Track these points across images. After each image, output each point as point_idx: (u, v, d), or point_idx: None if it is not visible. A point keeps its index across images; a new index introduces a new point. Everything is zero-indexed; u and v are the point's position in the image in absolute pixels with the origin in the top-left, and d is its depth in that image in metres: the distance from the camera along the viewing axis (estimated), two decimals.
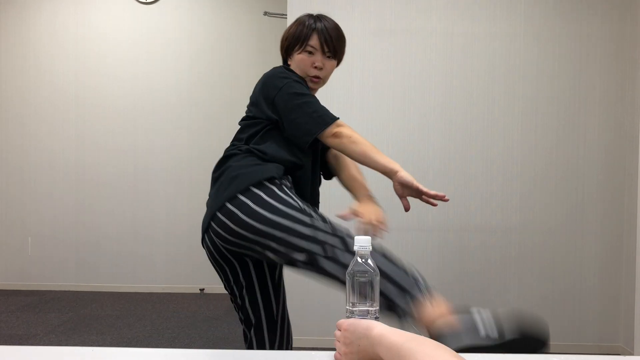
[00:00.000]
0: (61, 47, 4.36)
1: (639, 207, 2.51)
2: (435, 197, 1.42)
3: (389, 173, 1.47)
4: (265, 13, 4.04)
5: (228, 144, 1.65)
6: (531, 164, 2.98)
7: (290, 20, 2.96)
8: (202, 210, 1.53)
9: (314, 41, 1.55)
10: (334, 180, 1.80)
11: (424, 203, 1.48)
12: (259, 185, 1.40)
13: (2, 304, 3.88)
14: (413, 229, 2.98)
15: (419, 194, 1.45)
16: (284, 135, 1.53)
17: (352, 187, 1.67)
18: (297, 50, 1.58)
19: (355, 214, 1.55)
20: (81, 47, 4.36)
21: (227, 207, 1.41)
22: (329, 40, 1.55)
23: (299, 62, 1.58)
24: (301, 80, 1.56)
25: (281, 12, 3.75)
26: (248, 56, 4.37)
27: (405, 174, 1.43)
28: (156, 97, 4.36)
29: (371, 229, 1.51)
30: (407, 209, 1.51)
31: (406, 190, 1.46)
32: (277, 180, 1.43)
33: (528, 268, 2.98)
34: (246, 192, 1.39)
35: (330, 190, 1.99)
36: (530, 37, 2.97)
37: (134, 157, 4.36)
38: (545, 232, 2.98)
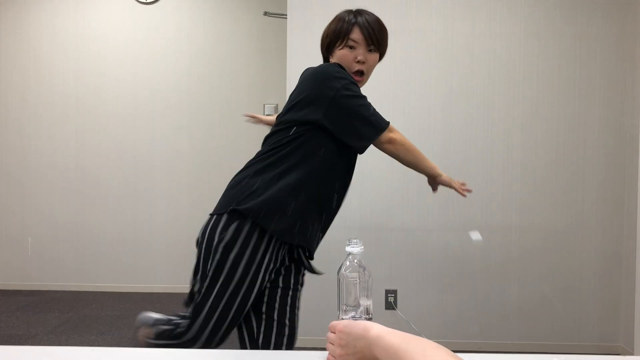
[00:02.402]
0: (61, 47, 4.36)
1: (639, 208, 2.50)
2: (465, 190, 1.78)
3: (432, 176, 1.71)
4: (265, 13, 4.04)
5: (227, 144, 1.64)
6: (531, 164, 2.98)
7: (291, 20, 2.96)
8: (202, 209, 1.52)
9: (356, 35, 1.53)
10: None
11: (423, 203, 1.66)
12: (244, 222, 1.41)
13: (2, 304, 3.88)
14: (414, 229, 2.98)
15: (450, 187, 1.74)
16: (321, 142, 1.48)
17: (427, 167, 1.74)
18: (339, 46, 1.55)
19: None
20: (81, 47, 4.36)
21: (213, 218, 1.49)
22: (372, 33, 1.54)
23: (341, 57, 1.55)
24: (354, 80, 1.54)
25: (281, 12, 3.75)
26: (248, 56, 4.37)
27: (445, 178, 1.73)
28: (156, 97, 4.36)
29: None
30: (434, 191, 1.81)
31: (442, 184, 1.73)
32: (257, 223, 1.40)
33: (528, 268, 2.98)
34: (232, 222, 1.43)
35: None
36: (531, 37, 2.97)
37: (133, 157, 4.36)
38: (545, 232, 2.98)
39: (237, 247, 1.40)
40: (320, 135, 1.47)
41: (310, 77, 1.52)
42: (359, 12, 1.58)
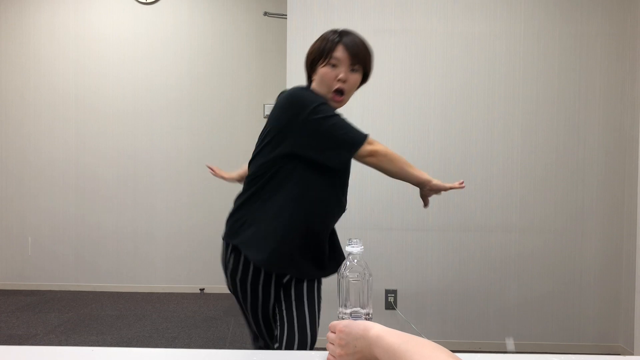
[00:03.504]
0: (61, 47, 4.36)
1: (639, 207, 2.51)
2: (458, 186, 1.63)
3: (421, 184, 1.59)
4: (265, 13, 4.04)
5: (227, 144, 1.64)
6: (531, 163, 2.98)
7: (291, 20, 2.96)
8: (202, 209, 1.52)
9: (339, 53, 1.51)
10: None
11: (424, 203, 1.63)
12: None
13: (2, 304, 3.88)
14: (413, 229, 2.98)
15: (444, 190, 1.62)
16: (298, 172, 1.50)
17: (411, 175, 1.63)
18: (322, 63, 1.54)
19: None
20: (81, 47, 4.36)
21: (231, 247, 1.57)
22: (356, 52, 1.52)
23: (323, 75, 1.53)
24: (324, 100, 1.53)
25: (281, 12, 3.75)
26: (248, 56, 4.37)
27: (437, 182, 1.59)
28: (156, 97, 4.36)
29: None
30: (426, 206, 1.69)
31: (433, 193, 1.62)
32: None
33: (528, 268, 2.98)
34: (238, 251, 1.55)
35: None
36: (531, 37, 2.97)
37: (133, 157, 4.36)
38: (545, 231, 2.98)
39: (240, 272, 1.55)
40: (293, 162, 1.49)
41: (280, 106, 1.53)
42: (344, 32, 1.56)
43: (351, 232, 2.91)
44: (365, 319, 0.94)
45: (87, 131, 4.36)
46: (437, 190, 1.60)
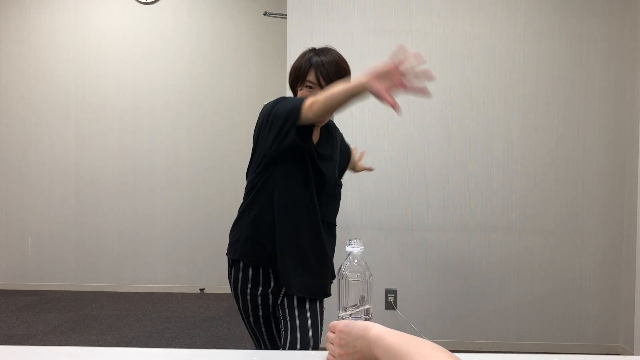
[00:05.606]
0: (61, 47, 4.36)
1: (639, 207, 2.51)
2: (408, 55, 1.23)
3: (362, 86, 1.27)
4: (265, 13, 4.04)
5: (227, 144, 1.65)
6: (531, 163, 2.98)
7: (291, 20, 2.96)
8: (202, 208, 1.53)
9: (311, 77, 1.53)
10: None
11: (423, 203, 1.57)
12: (232, 263, 1.62)
13: (2, 304, 3.88)
14: (413, 228, 2.98)
15: (396, 72, 1.25)
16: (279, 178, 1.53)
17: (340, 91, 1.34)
18: (299, 86, 1.57)
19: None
20: (81, 47, 4.36)
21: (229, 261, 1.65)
22: (325, 75, 1.52)
23: (301, 98, 1.54)
24: (282, 97, 1.57)
25: (281, 12, 3.75)
26: (248, 56, 4.37)
27: (372, 67, 1.24)
28: (156, 97, 4.36)
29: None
30: (395, 106, 1.25)
31: (387, 81, 1.25)
32: (238, 267, 1.59)
33: (528, 267, 2.98)
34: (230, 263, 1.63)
35: None
36: (530, 37, 2.97)
37: (133, 157, 4.36)
38: (545, 231, 2.98)
39: (240, 283, 1.60)
40: (275, 172, 1.52)
41: (257, 121, 1.60)
42: (318, 52, 1.56)
43: (351, 232, 2.91)
44: (365, 319, 0.94)
45: (88, 131, 4.36)
46: (383, 74, 1.24)
